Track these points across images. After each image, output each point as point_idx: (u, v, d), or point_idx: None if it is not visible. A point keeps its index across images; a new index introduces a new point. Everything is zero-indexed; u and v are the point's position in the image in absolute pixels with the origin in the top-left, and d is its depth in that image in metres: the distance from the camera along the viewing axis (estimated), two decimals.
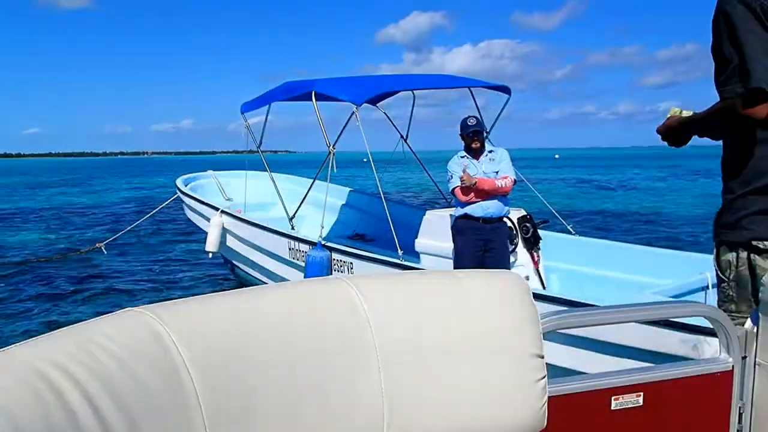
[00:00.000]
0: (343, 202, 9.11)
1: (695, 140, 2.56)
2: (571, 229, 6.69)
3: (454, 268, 5.34)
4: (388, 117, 8.21)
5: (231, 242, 8.05)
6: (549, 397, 1.45)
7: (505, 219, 5.57)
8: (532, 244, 5.97)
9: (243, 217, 7.74)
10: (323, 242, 6.35)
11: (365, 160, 6.50)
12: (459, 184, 5.47)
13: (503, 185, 5.52)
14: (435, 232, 6.17)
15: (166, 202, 10.40)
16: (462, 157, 5.68)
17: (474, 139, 5.62)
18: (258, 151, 7.98)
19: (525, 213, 5.90)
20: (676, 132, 2.44)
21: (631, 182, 36.52)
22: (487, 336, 1.41)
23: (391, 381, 1.31)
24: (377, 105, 8.21)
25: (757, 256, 2.21)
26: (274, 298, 1.29)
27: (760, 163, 2.23)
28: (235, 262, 8.41)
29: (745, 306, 2.27)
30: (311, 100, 6.72)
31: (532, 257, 5.87)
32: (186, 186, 9.28)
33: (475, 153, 5.67)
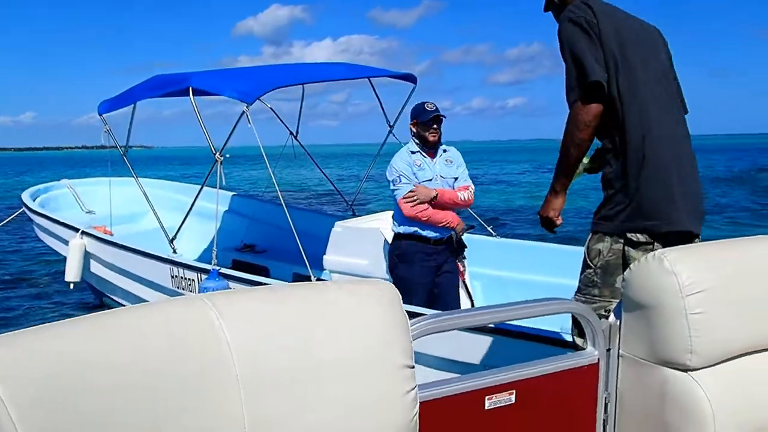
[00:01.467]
0: (226, 209, 7.99)
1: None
2: (491, 231, 6.03)
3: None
4: (274, 112, 7.41)
5: (97, 269, 7.12)
6: (422, 402, 1.50)
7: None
8: (457, 253, 5.15)
9: (110, 239, 6.89)
10: (219, 269, 5.28)
11: (228, 156, 5.86)
12: (408, 194, 4.46)
13: (465, 199, 4.68)
14: (346, 246, 5.69)
15: (7, 220, 8.67)
16: (414, 152, 4.66)
17: (433, 128, 4.58)
18: (122, 155, 7.11)
19: None
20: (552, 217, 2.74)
21: (505, 176, 37.03)
22: (355, 350, 1.41)
23: (254, 406, 1.27)
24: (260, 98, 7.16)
25: (631, 249, 2.48)
26: (123, 322, 1.22)
27: (634, 163, 2.51)
28: (103, 290, 7.05)
29: (607, 291, 2.53)
30: (188, 96, 5.83)
31: (458, 268, 5.10)
32: (35, 200, 7.79)
33: (430, 148, 4.66)
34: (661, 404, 1.88)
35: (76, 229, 7.04)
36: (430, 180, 4.56)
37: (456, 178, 4.70)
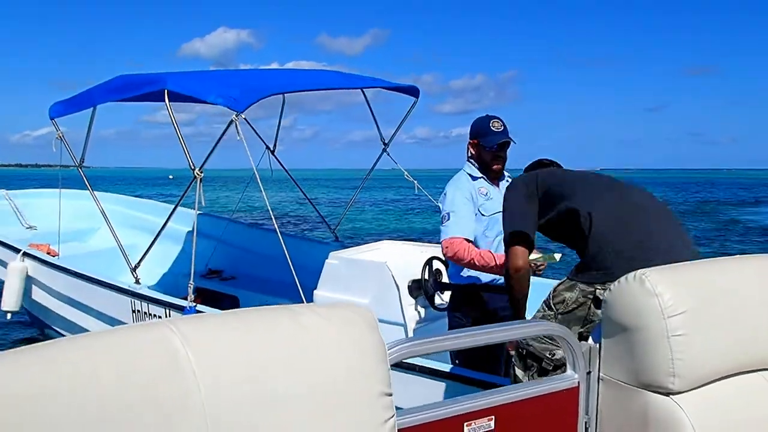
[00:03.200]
0: (189, 228, 7.04)
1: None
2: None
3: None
4: (249, 124, 6.69)
5: (40, 297, 6.42)
6: (400, 430, 1.52)
7: None
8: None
9: (58, 263, 6.20)
10: (196, 305, 4.82)
11: (171, 177, 4.61)
12: (461, 234, 3.57)
13: None
14: (342, 281, 4.72)
15: None
16: (476, 178, 3.87)
17: (499, 156, 3.82)
18: (77, 168, 6.25)
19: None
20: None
21: None
22: (330, 379, 1.36)
23: None
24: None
25: (596, 309, 2.57)
26: (74, 352, 1.12)
27: (601, 246, 2.67)
28: (47, 322, 6.10)
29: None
30: (163, 101, 5.09)
31: None
32: None
33: (494, 176, 3.90)
34: (642, 428, 1.91)
35: (17, 250, 6.42)
36: (495, 213, 3.68)
37: None
